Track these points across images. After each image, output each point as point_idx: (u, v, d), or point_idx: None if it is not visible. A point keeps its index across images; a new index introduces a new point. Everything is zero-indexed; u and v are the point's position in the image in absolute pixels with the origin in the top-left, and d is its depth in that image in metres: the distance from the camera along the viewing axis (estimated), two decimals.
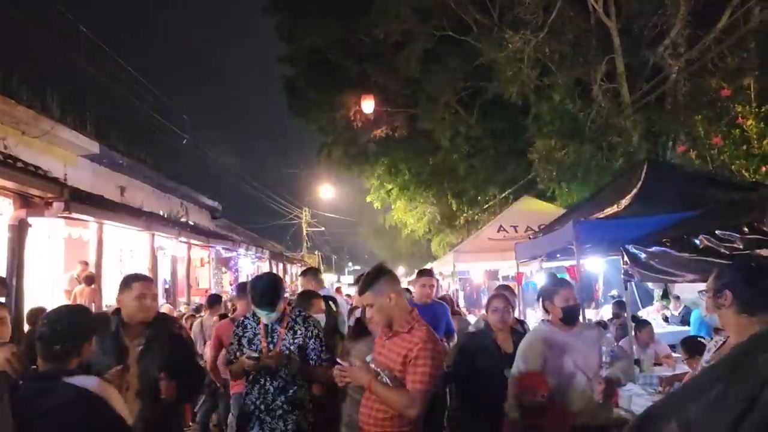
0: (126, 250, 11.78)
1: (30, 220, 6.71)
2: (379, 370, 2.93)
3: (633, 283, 5.96)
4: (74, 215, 7.35)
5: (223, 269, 16.81)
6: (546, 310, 3.70)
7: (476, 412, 4.04)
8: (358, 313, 4.41)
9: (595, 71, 12.29)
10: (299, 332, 3.57)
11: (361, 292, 3.12)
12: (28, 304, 6.84)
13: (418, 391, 2.79)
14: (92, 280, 8.92)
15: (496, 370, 3.84)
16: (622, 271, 4.98)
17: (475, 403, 4.02)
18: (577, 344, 3.51)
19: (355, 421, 3.15)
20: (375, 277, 3.05)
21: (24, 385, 2.24)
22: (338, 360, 3.14)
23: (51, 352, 2.27)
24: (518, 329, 4.37)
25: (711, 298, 2.19)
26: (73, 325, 2.35)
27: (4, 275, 6.58)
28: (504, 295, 4.30)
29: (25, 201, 6.57)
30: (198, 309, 9.47)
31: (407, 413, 2.83)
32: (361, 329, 3.92)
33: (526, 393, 3.39)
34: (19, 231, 6.53)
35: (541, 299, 3.78)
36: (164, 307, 9.79)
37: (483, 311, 5.13)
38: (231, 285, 16.18)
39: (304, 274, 6.30)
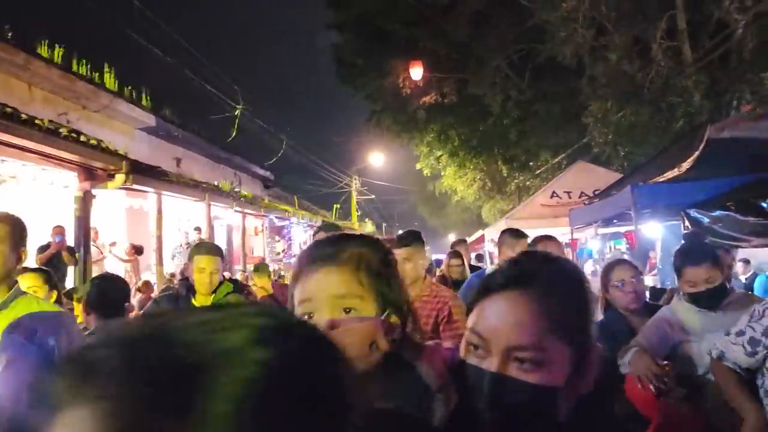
0: (183, 219, 12.15)
1: (93, 191, 7.01)
2: None
3: None
4: (135, 186, 7.63)
5: (276, 237, 17.17)
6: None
7: None
8: None
9: (655, 29, 11.70)
10: None
11: (401, 246, 3.17)
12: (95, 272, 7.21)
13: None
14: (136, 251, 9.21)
15: None
16: (683, 237, 4.82)
17: None
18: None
19: None
20: (417, 235, 3.28)
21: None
22: None
23: None
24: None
25: None
26: None
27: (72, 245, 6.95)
28: (628, 261, 3.28)
29: (89, 173, 6.86)
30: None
31: None
32: None
33: None
34: (84, 202, 6.85)
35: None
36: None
37: None
38: (283, 253, 16.52)
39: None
